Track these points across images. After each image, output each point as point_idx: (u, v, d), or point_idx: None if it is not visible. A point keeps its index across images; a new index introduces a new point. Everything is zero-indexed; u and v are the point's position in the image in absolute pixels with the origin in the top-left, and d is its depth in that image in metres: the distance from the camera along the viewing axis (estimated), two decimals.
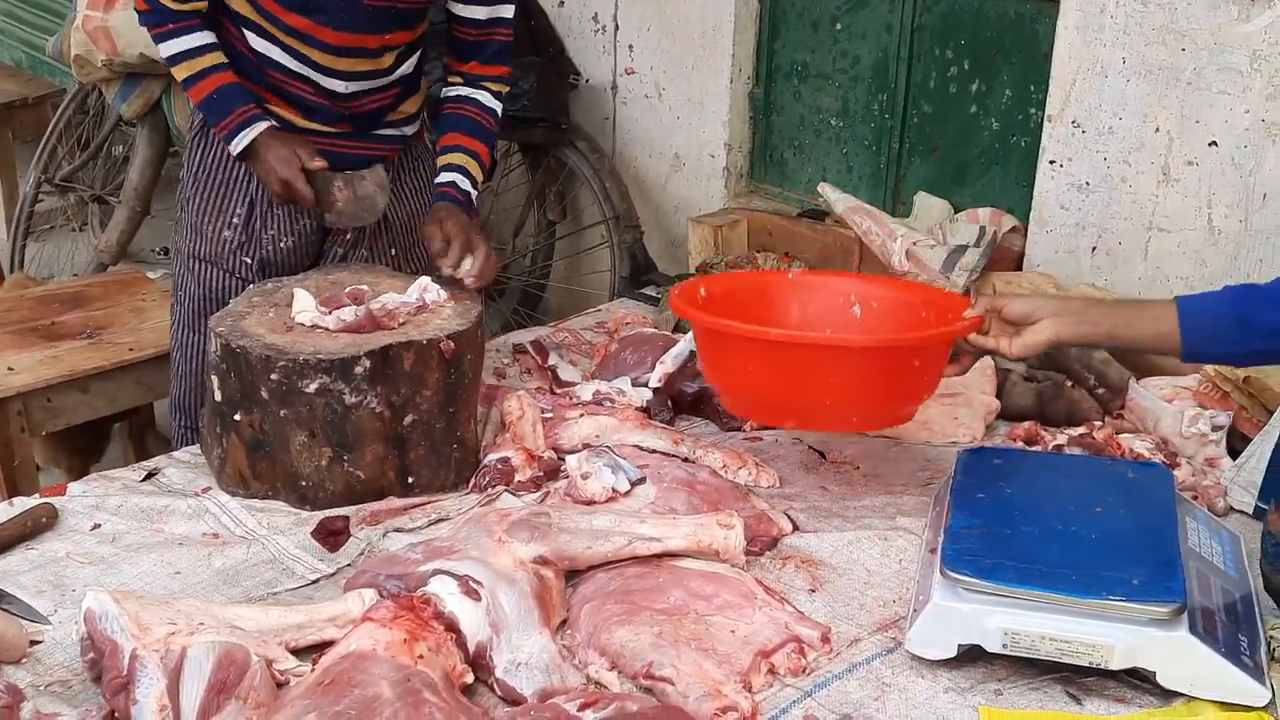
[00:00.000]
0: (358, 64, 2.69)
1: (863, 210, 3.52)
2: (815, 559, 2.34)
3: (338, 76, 2.70)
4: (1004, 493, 2.24)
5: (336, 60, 2.67)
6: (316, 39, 2.63)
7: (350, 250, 2.93)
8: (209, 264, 2.86)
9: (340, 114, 2.76)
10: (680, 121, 4.23)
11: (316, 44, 2.64)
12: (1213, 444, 2.70)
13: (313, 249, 2.91)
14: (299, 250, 2.88)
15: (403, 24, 2.69)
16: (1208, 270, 3.07)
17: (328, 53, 2.65)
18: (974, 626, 1.99)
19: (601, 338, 3.30)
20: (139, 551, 2.28)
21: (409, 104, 2.88)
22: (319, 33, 2.62)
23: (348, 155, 2.80)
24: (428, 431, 2.48)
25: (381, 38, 2.67)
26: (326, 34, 2.62)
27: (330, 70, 2.68)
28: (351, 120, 2.78)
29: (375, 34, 2.66)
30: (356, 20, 2.62)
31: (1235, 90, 2.93)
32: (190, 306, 2.90)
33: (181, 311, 2.94)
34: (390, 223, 2.95)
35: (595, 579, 2.18)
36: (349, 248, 2.93)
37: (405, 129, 2.90)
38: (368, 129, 2.82)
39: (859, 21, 3.80)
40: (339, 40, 2.63)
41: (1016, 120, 3.51)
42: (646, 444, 2.65)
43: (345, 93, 2.73)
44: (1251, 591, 2.16)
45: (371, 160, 2.83)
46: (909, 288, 2.75)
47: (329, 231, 2.90)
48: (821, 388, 2.31)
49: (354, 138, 2.80)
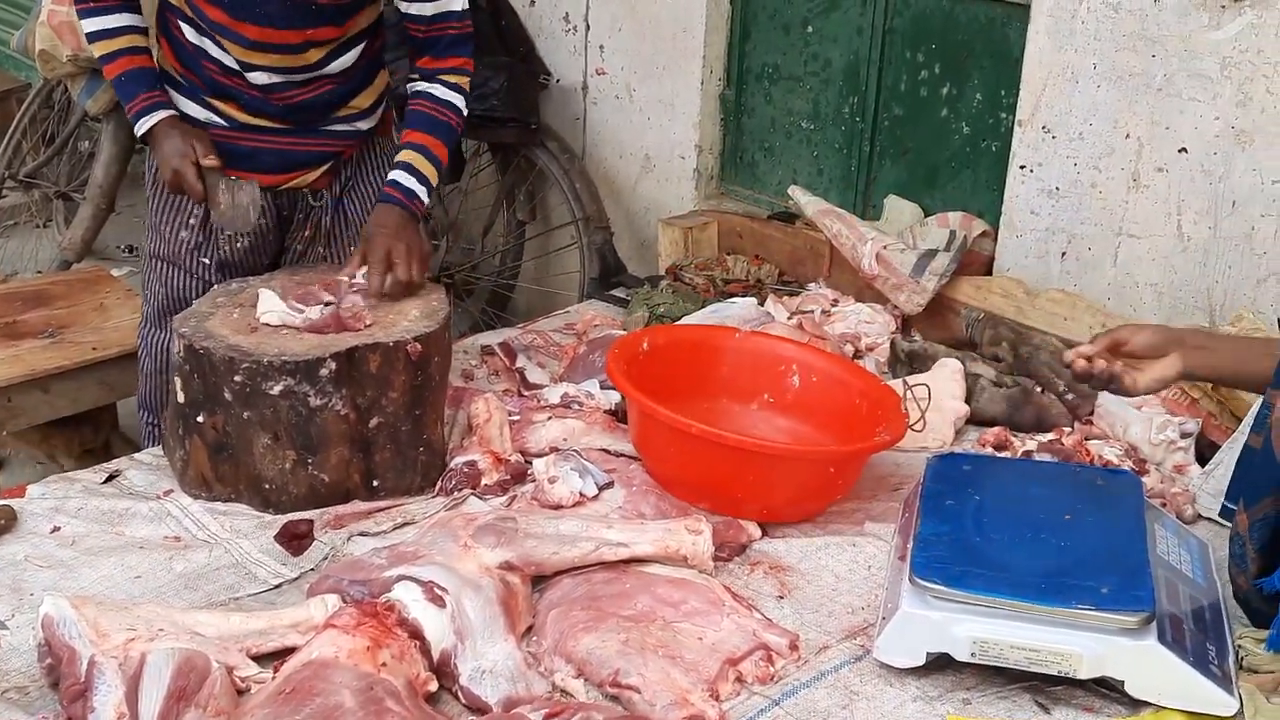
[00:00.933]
0: (279, 59, 2.66)
1: (833, 213, 3.51)
2: (784, 565, 2.32)
3: (260, 70, 2.67)
4: (973, 499, 2.24)
5: (256, 55, 2.64)
6: (235, 32, 2.61)
7: (308, 247, 2.91)
8: (169, 263, 2.84)
9: (277, 108, 2.72)
10: (651, 123, 4.22)
11: (235, 38, 2.62)
12: (1181, 451, 2.71)
13: (270, 249, 2.89)
14: (256, 250, 2.86)
15: (325, 20, 2.65)
16: (1177, 276, 3.07)
17: (248, 47, 2.63)
18: (943, 634, 1.98)
19: (570, 339, 3.28)
20: (99, 555, 2.25)
21: (361, 98, 2.84)
22: (237, 27, 2.60)
23: (299, 153, 2.79)
24: (393, 434, 2.46)
25: (303, 33, 2.64)
26: (245, 28, 2.60)
27: (252, 64, 2.66)
28: (293, 115, 2.75)
29: (295, 29, 2.62)
30: (274, 16, 2.59)
31: (1205, 97, 2.93)
32: (154, 305, 2.89)
33: (147, 310, 2.93)
34: (350, 220, 2.92)
35: (562, 585, 2.16)
36: (307, 245, 2.90)
37: (359, 124, 2.86)
38: (314, 125, 2.79)
39: (830, 24, 3.80)
40: (258, 35, 2.61)
41: (987, 124, 3.51)
42: (615, 448, 2.63)
43: (269, 84, 2.69)
44: (1220, 600, 2.16)
45: (320, 158, 2.81)
46: (850, 370, 2.78)
47: (286, 232, 2.88)
48: (738, 483, 2.39)
49: (302, 134, 2.78)
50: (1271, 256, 2.91)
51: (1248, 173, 2.91)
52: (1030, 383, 2.93)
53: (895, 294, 3.32)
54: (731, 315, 3.19)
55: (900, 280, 3.30)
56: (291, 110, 2.74)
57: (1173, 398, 2.80)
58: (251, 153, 2.75)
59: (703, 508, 2.40)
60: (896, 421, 2.49)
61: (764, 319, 3.20)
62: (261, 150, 2.76)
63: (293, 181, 2.81)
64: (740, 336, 2.83)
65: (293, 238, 2.90)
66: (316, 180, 2.84)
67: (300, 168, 2.81)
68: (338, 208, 2.90)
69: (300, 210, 2.86)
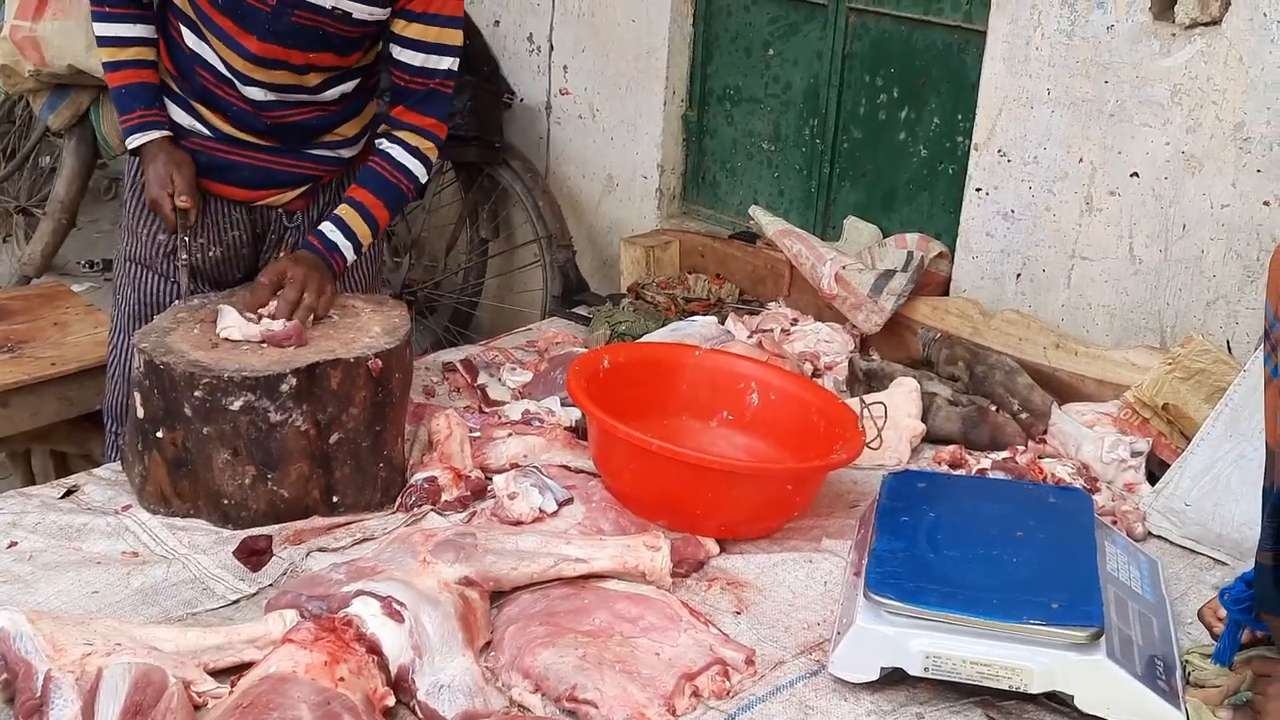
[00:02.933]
0: (279, 76, 2.66)
1: (793, 234, 3.54)
2: (741, 581, 2.34)
3: (256, 85, 2.67)
4: (928, 516, 2.27)
5: (256, 69, 2.64)
6: (240, 44, 2.61)
7: None
8: (143, 267, 2.84)
9: (264, 125, 2.72)
10: (614, 142, 4.24)
11: (239, 49, 2.62)
12: (1132, 470, 2.75)
13: (244, 263, 2.88)
14: (228, 261, 2.85)
15: (329, 47, 2.65)
16: (1129, 298, 3.12)
17: (249, 60, 2.63)
18: (896, 649, 2.00)
19: (532, 357, 3.29)
20: (56, 570, 2.24)
21: (348, 126, 2.83)
22: (243, 39, 2.60)
23: (278, 172, 2.78)
24: (354, 450, 2.46)
25: (306, 55, 2.64)
26: (250, 41, 2.60)
27: (249, 78, 2.66)
28: (278, 134, 2.75)
29: (300, 50, 2.63)
30: (282, 34, 2.59)
31: (1156, 123, 2.98)
32: (125, 310, 2.88)
33: (118, 315, 2.92)
34: None
35: (520, 600, 2.17)
36: None
37: (342, 151, 2.85)
38: (298, 146, 2.79)
39: (791, 48, 3.84)
40: (261, 50, 2.61)
41: (944, 148, 3.56)
42: (575, 464, 2.65)
43: (262, 100, 2.69)
44: (1168, 615, 2.19)
45: (298, 179, 2.80)
46: (809, 388, 2.81)
47: (261, 247, 2.88)
48: (696, 500, 2.41)
49: (283, 154, 2.77)
50: (1221, 280, 2.97)
51: (1197, 197, 2.96)
52: (985, 402, 2.97)
53: (854, 313, 3.36)
54: (692, 334, 3.22)
55: (859, 300, 3.34)
56: (277, 129, 2.74)
57: (1124, 417, 2.84)
58: (230, 165, 2.75)
59: (661, 524, 2.41)
60: (853, 440, 2.52)
61: (724, 337, 3.23)
62: (240, 164, 2.75)
63: (268, 199, 2.81)
64: (700, 354, 2.85)
65: (265, 256, 2.89)
66: (292, 201, 2.83)
67: (277, 186, 2.80)
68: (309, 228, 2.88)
69: (274, 230, 2.85)
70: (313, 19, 2.58)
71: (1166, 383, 2.81)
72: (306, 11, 2.56)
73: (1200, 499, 2.57)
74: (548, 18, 4.30)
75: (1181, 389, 2.80)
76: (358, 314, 2.65)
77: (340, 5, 2.57)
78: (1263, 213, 2.87)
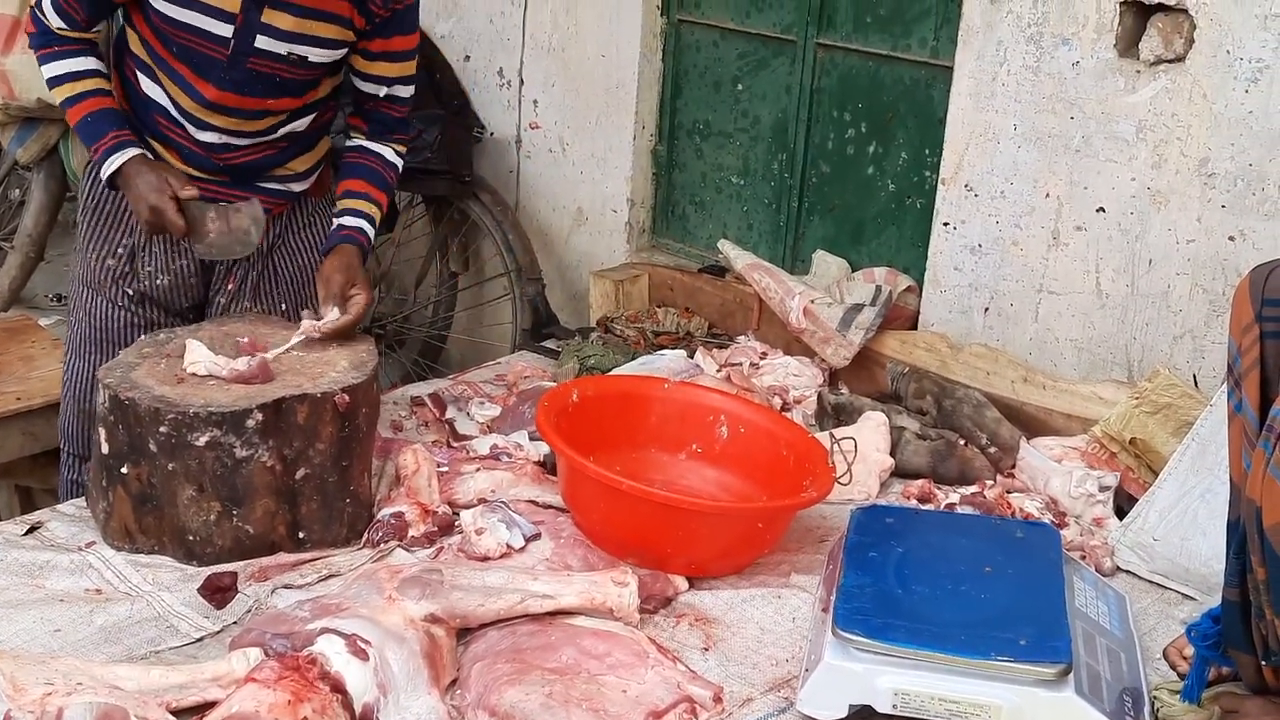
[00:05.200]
0: (233, 123, 2.68)
1: (762, 268, 3.55)
2: (709, 617, 2.34)
3: (209, 129, 2.68)
4: (896, 551, 2.27)
5: (209, 114, 2.66)
6: (196, 90, 2.62)
7: (232, 301, 2.90)
8: (93, 290, 2.85)
9: (215, 165, 2.74)
10: (583, 176, 4.25)
11: (194, 95, 2.63)
12: (1100, 504, 2.75)
13: (193, 292, 2.88)
14: (176, 289, 2.85)
15: (285, 92, 2.68)
16: (1096, 332, 3.14)
17: (203, 105, 2.64)
18: (865, 686, 2.00)
19: (501, 391, 3.29)
20: (17, 608, 2.22)
21: (299, 162, 2.86)
22: (197, 84, 2.61)
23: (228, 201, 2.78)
24: (320, 486, 2.45)
25: (263, 102, 2.67)
26: (206, 88, 2.61)
27: (203, 122, 2.67)
28: (229, 172, 2.76)
29: (256, 98, 2.65)
30: (239, 82, 2.61)
31: (1122, 158, 3.01)
32: (78, 331, 2.89)
33: (71, 337, 2.92)
34: (280, 276, 2.92)
35: (487, 637, 2.16)
36: (230, 299, 2.90)
37: (292, 185, 2.87)
38: (248, 180, 2.80)
39: (759, 82, 3.86)
40: (216, 97, 2.63)
41: (912, 182, 3.58)
42: (543, 499, 2.64)
43: (215, 143, 2.70)
44: (1137, 651, 2.20)
45: None
46: (779, 422, 2.81)
47: (211, 277, 2.87)
48: (665, 539, 2.40)
49: (234, 187, 2.78)
50: (1187, 314, 2.98)
51: (1163, 232, 2.98)
52: (954, 436, 2.97)
53: (822, 347, 3.36)
54: (661, 367, 3.22)
55: (827, 334, 3.34)
56: (229, 168, 2.75)
57: (1092, 451, 2.85)
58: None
59: (630, 561, 2.40)
60: (823, 476, 2.52)
61: (693, 371, 3.23)
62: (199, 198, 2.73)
63: None
64: (669, 387, 2.85)
65: (216, 289, 2.89)
66: None
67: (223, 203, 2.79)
68: (265, 263, 2.90)
69: (224, 262, 2.85)
70: (269, 65, 2.60)
71: (1134, 417, 2.82)
72: (262, 59, 2.59)
73: (1168, 533, 2.57)
74: (518, 52, 4.32)
75: (1149, 423, 2.81)
76: (325, 347, 2.63)
77: (296, 51, 2.60)
78: (1228, 248, 2.90)
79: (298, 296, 2.95)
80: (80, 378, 2.88)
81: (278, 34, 2.57)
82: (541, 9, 4.21)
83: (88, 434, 2.77)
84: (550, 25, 4.19)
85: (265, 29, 2.56)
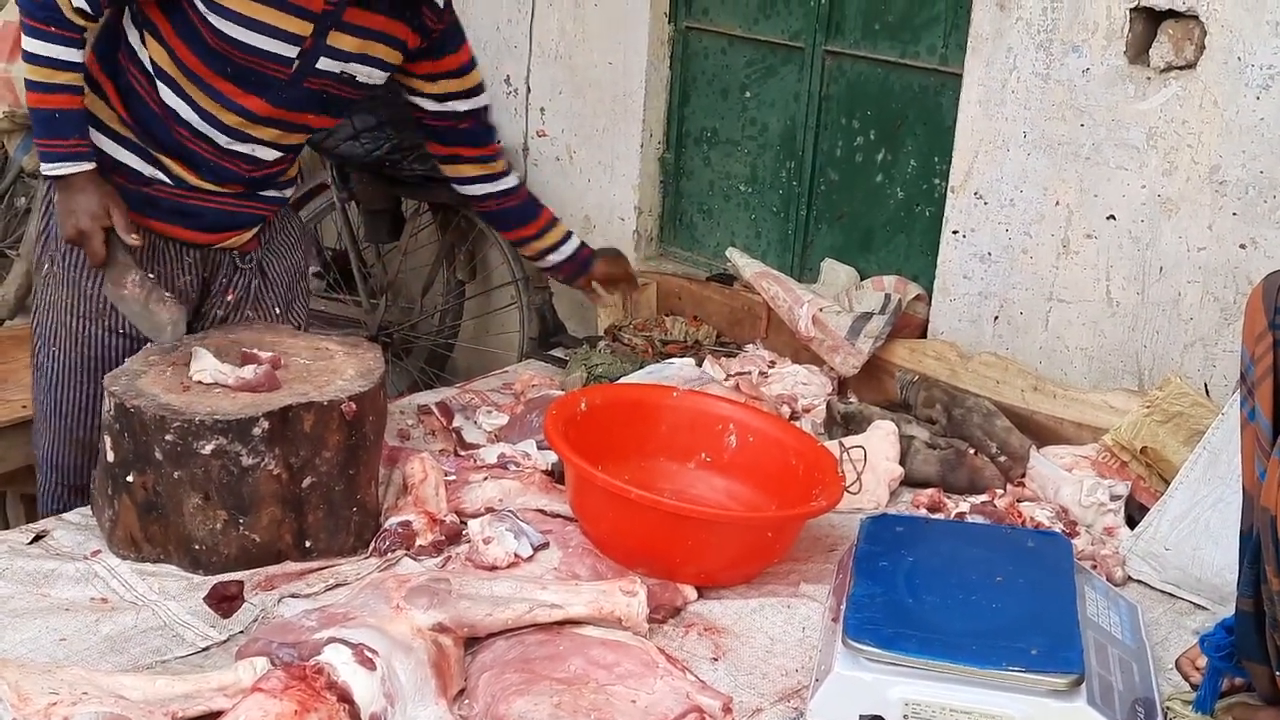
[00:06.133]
0: (273, 134, 2.66)
1: (770, 276, 3.54)
2: (718, 626, 2.32)
3: (246, 141, 2.65)
4: (906, 561, 2.25)
5: (253, 127, 2.63)
6: (238, 105, 2.58)
7: (231, 313, 2.86)
8: (86, 319, 2.73)
9: (237, 176, 2.70)
10: (591, 184, 4.24)
11: (237, 109, 2.59)
12: (1111, 513, 2.74)
13: (190, 306, 2.80)
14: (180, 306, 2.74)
15: (328, 111, 2.71)
16: (1106, 340, 3.12)
17: (248, 120, 2.61)
18: (875, 697, 1.98)
19: (508, 399, 3.28)
20: (23, 617, 2.21)
21: (292, 167, 2.87)
22: (243, 99, 2.57)
23: (239, 214, 2.77)
24: (327, 494, 2.44)
25: (305, 117, 2.67)
26: (254, 103, 2.58)
27: (241, 134, 2.63)
28: (245, 183, 2.73)
29: (302, 114, 2.65)
30: (292, 100, 2.60)
31: (1132, 166, 2.99)
32: (69, 360, 2.75)
33: (55, 367, 2.78)
34: (271, 280, 2.89)
35: (495, 647, 2.14)
36: (230, 310, 2.86)
37: (287, 190, 2.89)
38: (256, 189, 2.77)
39: (768, 90, 3.85)
40: (266, 111, 2.60)
41: (921, 190, 3.56)
42: (551, 508, 2.63)
43: (245, 154, 2.67)
44: (1149, 661, 2.18)
45: (254, 220, 2.80)
46: (787, 430, 2.80)
47: (208, 292, 2.84)
48: (675, 548, 2.39)
49: (243, 197, 2.75)
50: (1198, 322, 2.97)
51: (1174, 240, 2.96)
52: (963, 445, 2.96)
53: (831, 356, 3.35)
54: (669, 376, 3.20)
55: (836, 342, 3.33)
56: (248, 180, 2.72)
57: (1102, 460, 2.83)
58: (196, 211, 2.70)
59: (639, 571, 2.39)
60: (833, 485, 2.50)
61: (702, 380, 3.21)
62: (206, 210, 2.71)
63: (226, 242, 2.78)
64: (678, 396, 2.84)
65: (213, 302, 2.84)
66: (247, 242, 2.82)
67: (239, 228, 2.79)
68: (260, 271, 2.88)
69: (224, 272, 2.82)
70: (322, 84, 2.61)
71: (1145, 426, 2.81)
72: (318, 79, 2.59)
73: (1180, 543, 2.56)
74: (525, 60, 4.31)
75: (1160, 432, 2.80)
76: (331, 356, 2.63)
77: (349, 70, 2.61)
78: (1239, 255, 2.88)
79: (285, 296, 2.93)
80: (75, 408, 2.78)
81: (339, 54, 2.57)
82: (549, 17, 4.20)
83: (83, 464, 2.73)
84: (558, 33, 4.19)
85: (329, 50, 2.56)
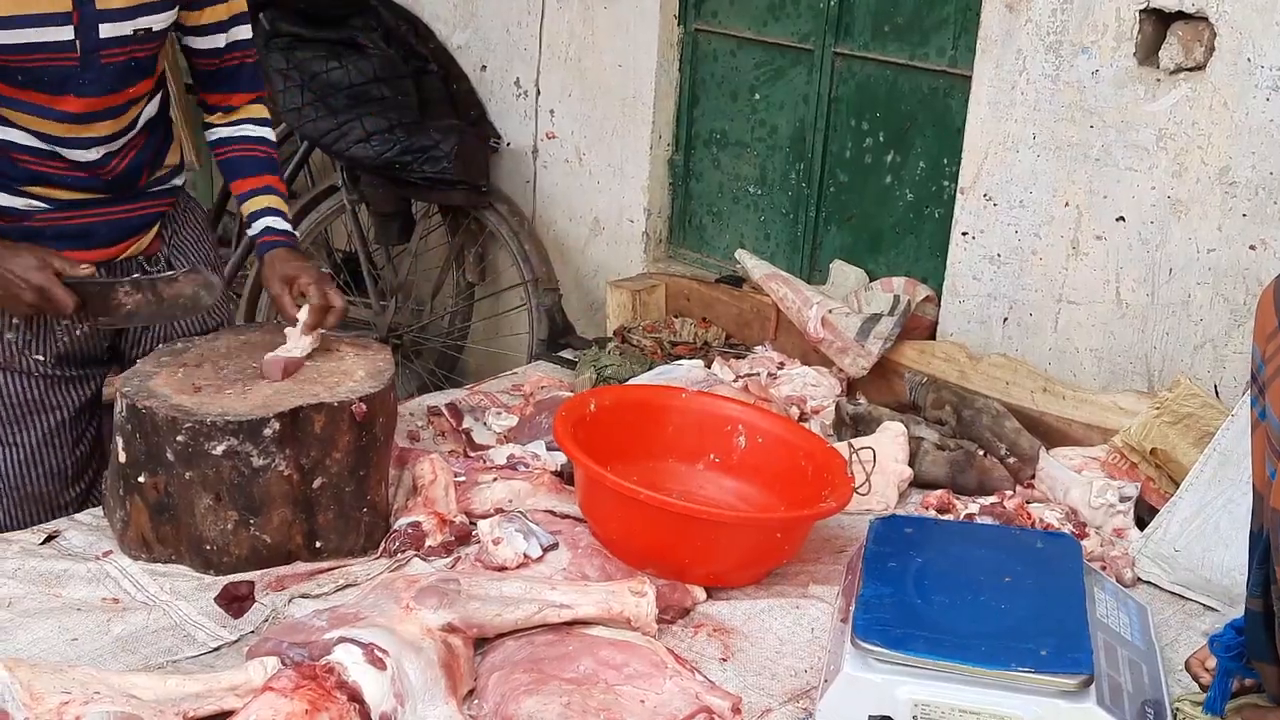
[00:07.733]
0: (104, 127, 2.53)
1: (779, 277, 3.54)
2: (727, 627, 2.32)
3: (81, 145, 2.52)
4: (915, 562, 2.25)
5: (78, 128, 2.50)
6: (56, 110, 2.46)
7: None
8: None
9: (101, 182, 2.59)
10: (600, 186, 4.25)
11: (57, 115, 2.47)
12: (1120, 515, 2.73)
13: (109, 330, 2.72)
14: (97, 333, 2.68)
15: (142, 73, 2.55)
16: (1116, 342, 3.12)
17: (71, 122, 2.49)
18: (884, 697, 1.98)
19: (518, 401, 3.28)
20: (35, 617, 2.22)
21: (170, 155, 2.75)
22: (58, 104, 2.45)
23: (131, 219, 2.67)
24: (337, 495, 2.44)
25: (125, 93, 2.53)
26: (67, 103, 2.46)
27: (73, 140, 2.51)
28: (116, 185, 2.61)
29: (117, 91, 2.51)
30: (99, 81, 2.46)
31: (1142, 167, 2.99)
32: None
33: None
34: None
35: (504, 647, 2.15)
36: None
37: (174, 180, 2.77)
38: (134, 189, 2.66)
39: (777, 92, 3.85)
40: (83, 107, 2.47)
41: (930, 191, 3.56)
42: (561, 509, 2.63)
43: (95, 159, 2.55)
44: (1159, 663, 2.18)
45: (150, 221, 2.71)
46: (796, 431, 2.79)
47: None
48: (684, 549, 2.39)
49: (126, 200, 2.64)
50: (1208, 324, 2.97)
51: (1183, 241, 2.96)
52: (973, 446, 2.96)
53: (840, 357, 3.35)
54: (678, 377, 3.21)
55: (845, 344, 3.33)
56: (113, 182, 2.61)
57: (1112, 461, 2.83)
58: (84, 230, 2.60)
59: (648, 572, 2.39)
60: (842, 486, 2.51)
61: (710, 381, 3.22)
62: (94, 224, 2.61)
63: (130, 249, 2.69)
64: (686, 397, 2.84)
65: None
66: (150, 245, 2.73)
67: (134, 234, 2.69)
68: (169, 268, 2.74)
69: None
70: (121, 51, 2.46)
71: (1154, 427, 2.81)
72: (112, 48, 2.45)
73: (1189, 544, 2.55)
74: (535, 63, 4.32)
75: (1169, 433, 2.80)
76: (341, 357, 2.63)
77: (140, 25, 2.47)
78: (1249, 257, 2.88)
79: None
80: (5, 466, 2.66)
81: (118, 15, 2.43)
82: (558, 19, 4.21)
83: (31, 519, 2.66)
84: (567, 35, 4.19)
85: (103, 15, 2.41)
